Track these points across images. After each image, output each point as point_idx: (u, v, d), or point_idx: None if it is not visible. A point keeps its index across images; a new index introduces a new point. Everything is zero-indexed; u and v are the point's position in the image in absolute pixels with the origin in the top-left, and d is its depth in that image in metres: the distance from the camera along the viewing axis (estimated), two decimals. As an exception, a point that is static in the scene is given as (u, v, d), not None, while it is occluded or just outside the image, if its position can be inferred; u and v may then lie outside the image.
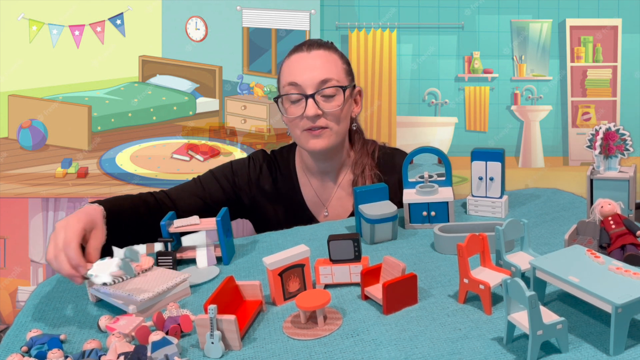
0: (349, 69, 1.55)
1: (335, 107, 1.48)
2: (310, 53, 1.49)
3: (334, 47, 1.55)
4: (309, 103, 1.46)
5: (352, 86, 1.55)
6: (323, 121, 1.48)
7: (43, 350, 0.96)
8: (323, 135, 1.49)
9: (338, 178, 1.62)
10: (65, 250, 1.12)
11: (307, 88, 1.46)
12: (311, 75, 1.46)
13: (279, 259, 1.05)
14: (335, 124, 1.50)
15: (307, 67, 1.47)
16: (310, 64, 1.48)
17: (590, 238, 1.11)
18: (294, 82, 1.47)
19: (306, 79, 1.46)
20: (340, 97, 1.49)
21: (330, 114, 1.48)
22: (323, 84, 1.46)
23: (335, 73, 1.49)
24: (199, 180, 1.61)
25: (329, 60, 1.50)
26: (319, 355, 0.90)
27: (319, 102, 1.47)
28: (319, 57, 1.49)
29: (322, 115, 1.47)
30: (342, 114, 1.50)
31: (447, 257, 1.19)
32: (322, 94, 1.47)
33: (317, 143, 1.50)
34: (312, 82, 1.46)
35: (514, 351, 0.86)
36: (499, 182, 1.37)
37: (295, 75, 1.47)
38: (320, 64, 1.48)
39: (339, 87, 1.48)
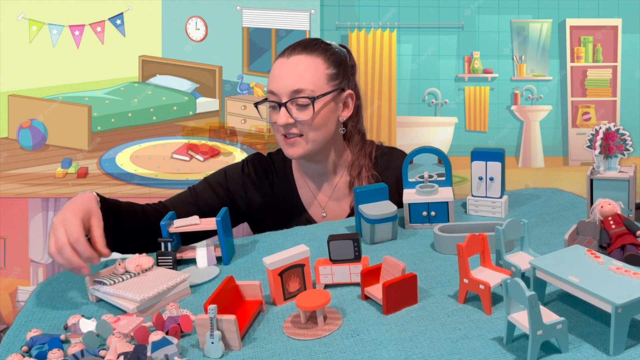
0: (335, 73, 1.50)
1: (307, 117, 1.46)
2: (290, 59, 1.47)
3: (321, 49, 1.51)
4: (281, 111, 1.46)
5: (340, 89, 1.51)
6: (297, 129, 1.48)
7: (43, 350, 0.96)
8: (296, 144, 1.49)
9: (334, 179, 1.62)
10: (75, 246, 1.14)
11: (282, 96, 1.46)
12: (285, 84, 1.45)
13: (279, 259, 1.05)
14: (310, 132, 1.48)
15: (283, 74, 1.47)
16: (287, 71, 1.46)
17: (590, 238, 1.11)
18: (271, 89, 1.48)
19: (280, 88, 1.46)
20: (319, 104, 1.46)
21: (304, 123, 1.47)
22: (295, 94, 1.45)
23: (312, 82, 1.46)
24: (193, 189, 1.62)
25: (308, 66, 1.47)
26: (319, 355, 0.90)
27: (292, 111, 1.46)
28: (297, 64, 1.47)
29: (294, 123, 1.47)
30: (317, 123, 1.47)
31: (447, 257, 1.19)
32: (296, 102, 1.46)
33: (291, 151, 1.50)
34: (285, 91, 1.45)
35: (514, 351, 0.86)
36: (499, 182, 1.37)
37: (273, 83, 1.48)
38: (296, 73, 1.46)
39: (308, 99, 1.45)
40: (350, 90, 1.55)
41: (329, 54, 1.51)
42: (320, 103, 1.47)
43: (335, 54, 1.53)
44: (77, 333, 1.01)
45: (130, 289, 1.10)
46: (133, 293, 1.08)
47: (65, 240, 1.14)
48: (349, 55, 1.59)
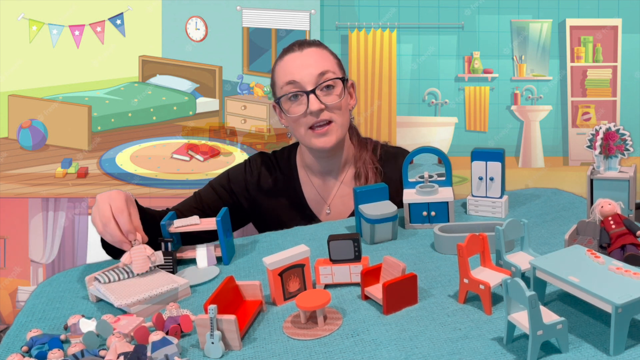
0: (340, 63, 1.57)
1: (337, 99, 1.49)
2: (303, 51, 1.51)
3: (323, 45, 1.58)
4: (310, 99, 1.47)
5: (346, 79, 1.56)
6: (327, 114, 1.49)
7: (43, 350, 0.96)
8: (330, 132, 1.50)
9: (340, 175, 1.63)
10: (117, 217, 1.22)
11: (307, 84, 1.47)
12: (308, 71, 1.48)
13: (279, 259, 1.05)
14: (339, 116, 1.51)
15: (303, 64, 1.49)
16: (305, 61, 1.49)
17: (590, 238, 1.11)
18: (293, 80, 1.48)
19: (304, 75, 1.47)
20: (339, 88, 1.51)
21: (333, 107, 1.49)
22: (321, 77, 1.48)
23: (330, 66, 1.51)
24: (198, 194, 1.65)
25: (322, 55, 1.52)
26: (319, 355, 0.90)
27: (320, 97, 1.48)
28: (312, 54, 1.51)
29: (325, 109, 1.48)
30: (343, 106, 1.52)
31: (447, 257, 1.19)
32: (322, 87, 1.48)
33: (325, 140, 1.51)
34: (310, 78, 1.47)
35: (514, 351, 0.86)
36: (499, 182, 1.37)
37: (293, 74, 1.48)
38: (314, 60, 1.50)
39: (336, 79, 1.50)
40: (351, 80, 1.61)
41: (329, 50, 1.57)
42: (341, 86, 1.51)
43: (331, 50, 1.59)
44: (77, 333, 1.01)
45: (116, 291, 1.10)
46: (115, 296, 1.09)
47: (109, 214, 1.22)
48: None
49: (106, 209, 1.22)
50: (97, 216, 1.23)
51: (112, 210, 1.22)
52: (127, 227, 1.22)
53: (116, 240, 1.22)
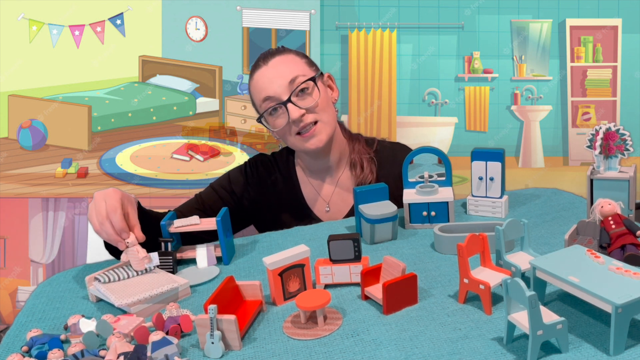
0: (309, 61, 1.56)
1: (314, 100, 1.49)
2: (268, 64, 1.51)
3: (287, 49, 1.57)
4: (289, 108, 1.47)
5: (320, 74, 1.56)
6: (310, 117, 1.49)
7: (43, 350, 0.96)
8: (318, 132, 1.51)
9: (337, 173, 1.63)
10: (110, 216, 1.21)
11: (281, 95, 1.48)
12: (278, 83, 1.48)
13: (279, 259, 1.05)
14: (323, 114, 1.51)
15: (272, 77, 1.49)
16: (272, 73, 1.50)
17: (590, 238, 1.11)
18: (267, 95, 1.49)
19: (276, 88, 1.48)
20: (313, 89, 1.50)
21: (313, 107, 1.49)
22: (292, 84, 1.48)
23: (299, 69, 1.50)
24: (199, 196, 1.66)
25: (287, 61, 1.52)
26: (319, 355, 0.90)
27: (297, 103, 1.48)
28: (277, 64, 1.51)
29: (306, 112, 1.49)
30: (323, 103, 1.51)
31: (447, 257, 1.19)
32: (296, 93, 1.48)
33: (315, 141, 1.51)
34: (282, 89, 1.48)
35: (514, 351, 0.86)
36: (499, 182, 1.37)
37: (266, 89, 1.49)
38: (281, 70, 1.50)
39: (308, 80, 1.49)
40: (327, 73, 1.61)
41: (293, 52, 1.57)
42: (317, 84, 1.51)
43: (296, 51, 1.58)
44: (77, 333, 1.01)
45: (116, 291, 1.10)
46: (116, 296, 1.09)
47: (105, 213, 1.21)
48: None
49: (102, 207, 1.22)
50: (94, 214, 1.23)
51: (107, 208, 1.22)
52: (119, 226, 1.21)
53: (111, 239, 1.22)
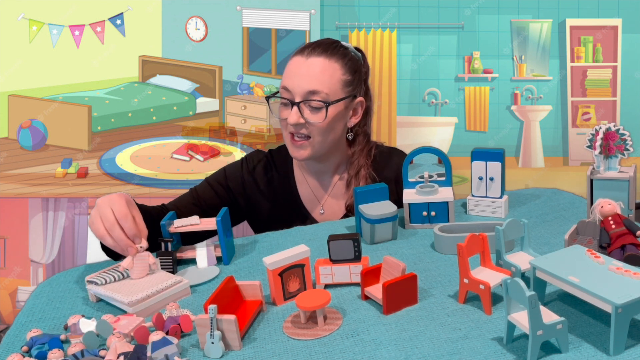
0: (350, 79, 1.50)
1: (318, 120, 1.46)
2: (308, 60, 1.47)
3: (340, 54, 1.50)
4: (292, 110, 1.45)
5: (353, 96, 1.51)
6: (306, 130, 1.47)
7: (43, 350, 0.96)
8: (304, 147, 1.49)
9: (334, 177, 1.62)
10: (121, 222, 1.17)
11: (296, 95, 1.45)
12: (300, 84, 1.44)
13: (279, 259, 1.05)
14: (318, 135, 1.48)
15: (300, 73, 1.46)
16: (304, 71, 1.46)
17: (590, 238, 1.11)
18: (286, 86, 1.47)
19: (296, 86, 1.45)
20: (323, 110, 1.46)
21: (314, 125, 1.47)
22: (310, 95, 1.44)
23: (328, 85, 1.45)
24: (194, 190, 1.63)
25: (325, 70, 1.46)
26: (319, 355, 0.90)
27: (304, 111, 1.45)
28: (314, 66, 1.46)
29: (304, 124, 1.46)
30: (327, 127, 1.48)
31: (447, 257, 1.19)
32: (309, 104, 1.45)
33: (298, 154, 1.50)
34: (300, 90, 1.45)
35: (514, 351, 0.86)
36: (499, 182, 1.37)
37: (288, 80, 1.47)
38: (313, 74, 1.45)
39: (322, 102, 1.44)
40: (361, 97, 1.55)
41: (346, 60, 1.51)
42: (332, 108, 1.47)
43: (352, 59, 1.52)
44: (77, 333, 1.01)
45: (120, 290, 1.10)
46: (122, 295, 1.08)
47: (113, 218, 1.17)
48: (364, 60, 1.59)
49: (109, 213, 1.18)
50: (99, 221, 1.19)
51: (116, 214, 1.18)
52: (133, 232, 1.18)
53: (122, 245, 1.18)
